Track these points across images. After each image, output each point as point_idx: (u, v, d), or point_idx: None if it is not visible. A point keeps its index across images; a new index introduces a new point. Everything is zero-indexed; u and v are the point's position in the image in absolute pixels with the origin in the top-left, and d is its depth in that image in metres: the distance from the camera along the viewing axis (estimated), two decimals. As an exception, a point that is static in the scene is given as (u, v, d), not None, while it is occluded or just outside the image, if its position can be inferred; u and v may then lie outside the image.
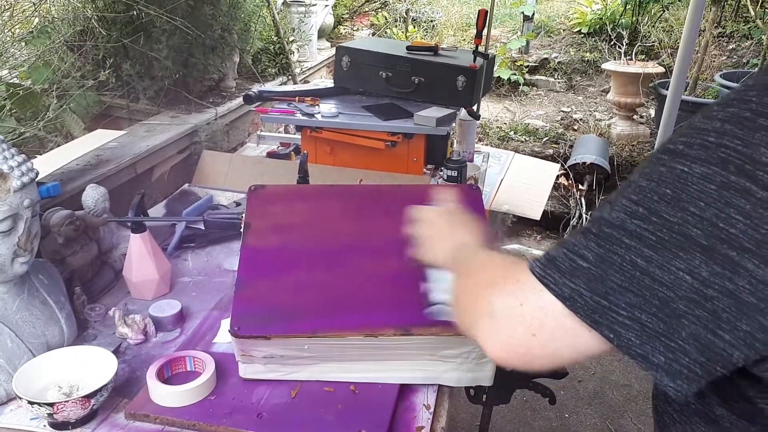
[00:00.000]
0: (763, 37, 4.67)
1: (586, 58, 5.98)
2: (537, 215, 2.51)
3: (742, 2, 5.29)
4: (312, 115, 1.88)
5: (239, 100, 2.41)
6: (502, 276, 0.61)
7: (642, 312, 0.49)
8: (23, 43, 2.05)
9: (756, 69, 4.57)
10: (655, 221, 0.49)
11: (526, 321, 0.55)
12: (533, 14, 6.26)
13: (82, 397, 0.90)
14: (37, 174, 1.01)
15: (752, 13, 4.81)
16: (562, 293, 0.53)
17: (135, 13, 2.02)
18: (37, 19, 2.10)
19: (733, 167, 0.46)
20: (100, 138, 1.70)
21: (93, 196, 1.29)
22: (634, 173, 0.53)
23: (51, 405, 0.89)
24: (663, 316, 0.49)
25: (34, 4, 2.03)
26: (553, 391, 1.27)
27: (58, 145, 1.73)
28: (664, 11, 5.83)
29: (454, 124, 1.98)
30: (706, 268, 0.47)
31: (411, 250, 0.92)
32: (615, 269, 0.50)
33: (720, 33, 5.48)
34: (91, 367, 0.99)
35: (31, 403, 0.89)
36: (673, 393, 0.51)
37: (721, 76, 4.66)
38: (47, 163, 1.48)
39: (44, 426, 0.93)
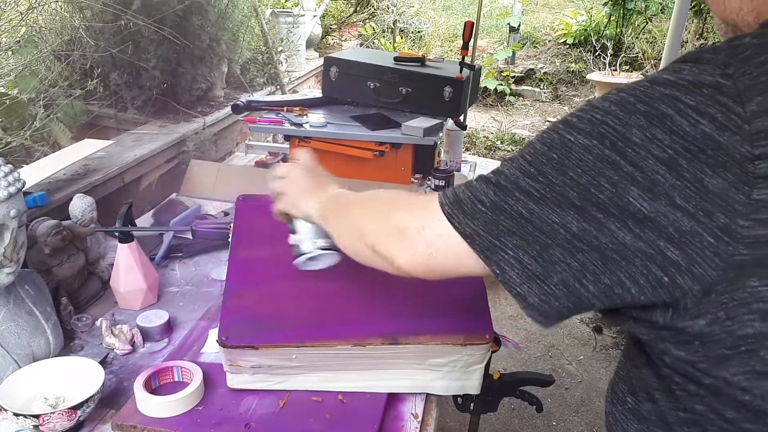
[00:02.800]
0: (743, 48, 4.76)
1: (572, 69, 6.06)
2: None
3: (723, 15, 5.38)
4: (300, 125, 1.89)
5: (227, 110, 2.41)
6: (412, 203, 0.72)
7: (525, 254, 0.57)
8: (10, 53, 2.04)
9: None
10: (541, 181, 0.56)
11: (426, 241, 0.65)
12: (519, 25, 6.34)
13: (68, 408, 0.89)
14: (23, 184, 1.00)
15: (733, 25, 4.90)
16: (463, 231, 0.61)
17: (123, 22, 2.02)
18: (24, 29, 2.10)
19: (609, 143, 0.53)
20: (88, 147, 1.70)
21: (80, 206, 1.29)
22: (535, 137, 0.60)
23: (36, 417, 0.88)
24: (541, 261, 0.57)
25: (21, 13, 2.02)
26: (540, 399, 1.28)
27: (45, 155, 1.72)
28: (648, 23, 5.92)
29: (441, 134, 1.99)
30: (577, 225, 0.54)
31: (274, 205, 0.96)
32: (506, 216, 0.58)
33: (702, 44, 5.58)
34: (77, 378, 0.98)
35: (16, 415, 0.88)
36: (543, 325, 0.61)
37: (703, 86, 4.74)
38: (34, 173, 1.47)
39: (30, 438, 0.93)
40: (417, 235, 0.66)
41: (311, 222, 0.91)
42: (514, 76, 6.01)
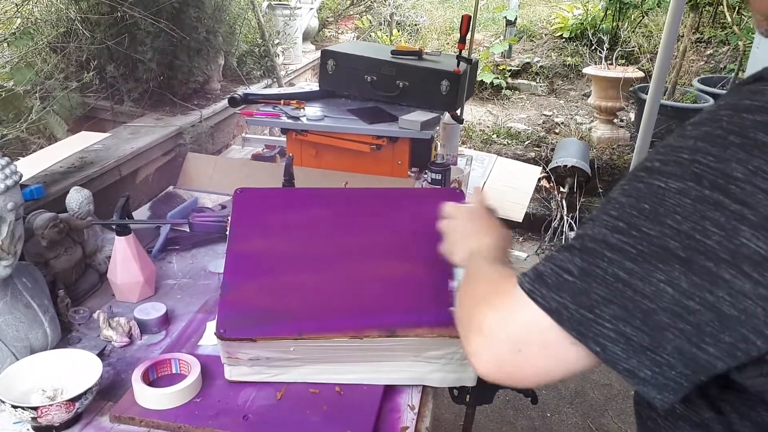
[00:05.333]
0: (739, 42, 4.77)
1: (568, 63, 6.06)
2: (519, 217, 2.54)
3: (720, 9, 5.39)
4: (297, 118, 1.89)
5: (224, 103, 2.40)
6: (494, 291, 0.63)
7: (626, 324, 0.50)
8: (5, 44, 2.03)
9: (732, 74, 4.67)
10: (635, 235, 0.50)
11: (511, 339, 0.56)
12: (516, 19, 6.33)
13: (66, 400, 0.90)
14: (20, 177, 1.01)
15: (729, 19, 4.91)
16: (549, 306, 0.54)
17: (119, 14, 2.01)
18: (19, 20, 2.08)
19: (707, 182, 0.48)
20: (84, 140, 1.69)
21: (77, 198, 1.29)
22: (613, 191, 0.55)
23: (34, 409, 0.89)
24: (647, 329, 0.50)
25: (16, 5, 2.01)
26: (535, 391, 1.29)
27: (42, 148, 1.72)
28: (644, 17, 5.92)
29: (438, 128, 2.00)
30: (686, 280, 0.48)
31: (439, 245, 0.94)
32: (598, 282, 0.51)
33: (698, 39, 5.59)
34: (75, 370, 0.99)
35: (14, 407, 0.89)
36: (660, 404, 0.53)
37: (699, 80, 4.76)
38: (30, 166, 1.47)
39: (28, 430, 0.93)
40: (499, 332, 0.57)
41: None
42: (510, 70, 6.01)
